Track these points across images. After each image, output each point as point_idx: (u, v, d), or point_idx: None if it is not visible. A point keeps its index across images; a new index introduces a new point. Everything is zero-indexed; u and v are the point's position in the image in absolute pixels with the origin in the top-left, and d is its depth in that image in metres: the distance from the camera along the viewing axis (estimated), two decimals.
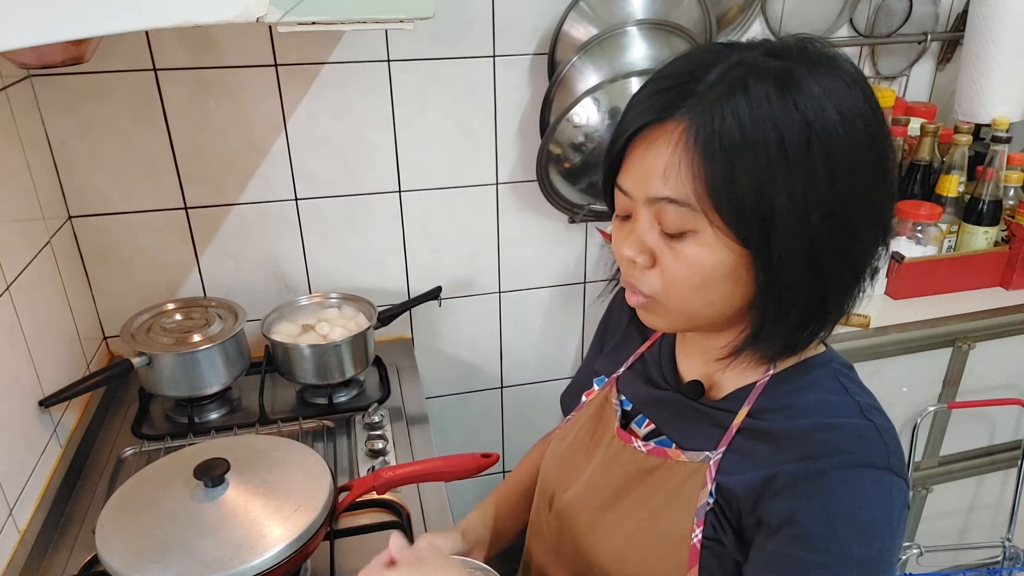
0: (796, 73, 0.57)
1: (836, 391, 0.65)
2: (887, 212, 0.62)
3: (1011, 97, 1.57)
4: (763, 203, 0.56)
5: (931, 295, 1.44)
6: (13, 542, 1.01)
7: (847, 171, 0.57)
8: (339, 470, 1.20)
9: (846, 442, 0.60)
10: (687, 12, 1.46)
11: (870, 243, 0.62)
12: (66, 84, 1.27)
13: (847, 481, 0.59)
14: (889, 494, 0.59)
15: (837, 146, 0.56)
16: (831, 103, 0.56)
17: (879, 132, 0.59)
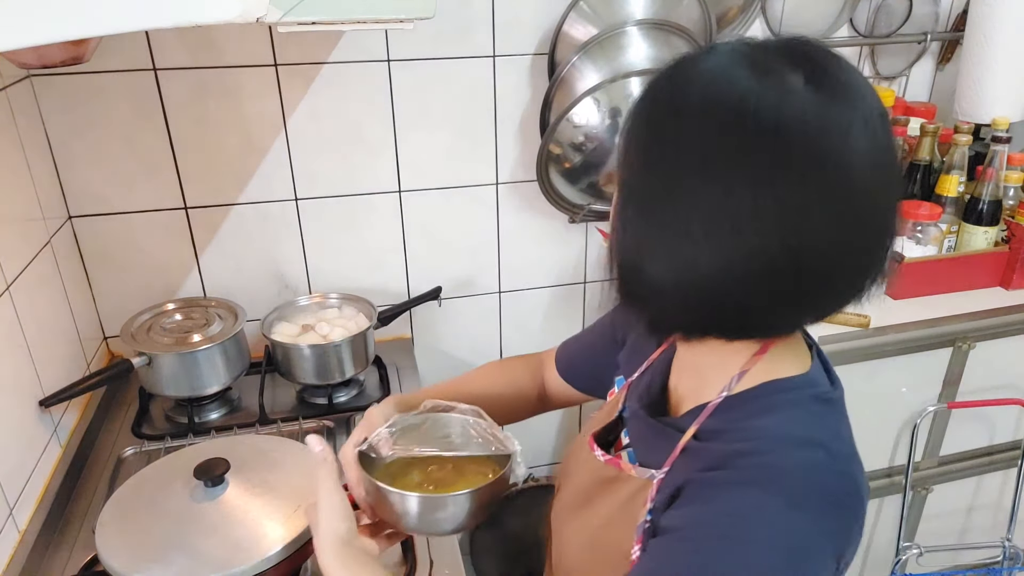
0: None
1: (798, 420, 0.59)
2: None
3: (1011, 97, 1.57)
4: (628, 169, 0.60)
5: (931, 295, 1.43)
6: (13, 542, 1.01)
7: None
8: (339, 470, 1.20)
9: (759, 467, 0.56)
10: (687, 12, 1.46)
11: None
12: (66, 84, 1.27)
13: (736, 495, 0.55)
14: (782, 530, 0.53)
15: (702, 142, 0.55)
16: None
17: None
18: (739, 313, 0.57)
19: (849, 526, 0.57)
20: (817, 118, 0.52)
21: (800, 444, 0.57)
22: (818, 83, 0.52)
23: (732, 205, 0.52)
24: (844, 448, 0.59)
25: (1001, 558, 1.55)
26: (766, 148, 0.51)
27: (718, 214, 0.53)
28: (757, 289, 0.55)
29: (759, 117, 0.51)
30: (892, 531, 1.55)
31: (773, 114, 0.51)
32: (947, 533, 1.62)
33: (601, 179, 1.51)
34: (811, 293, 0.56)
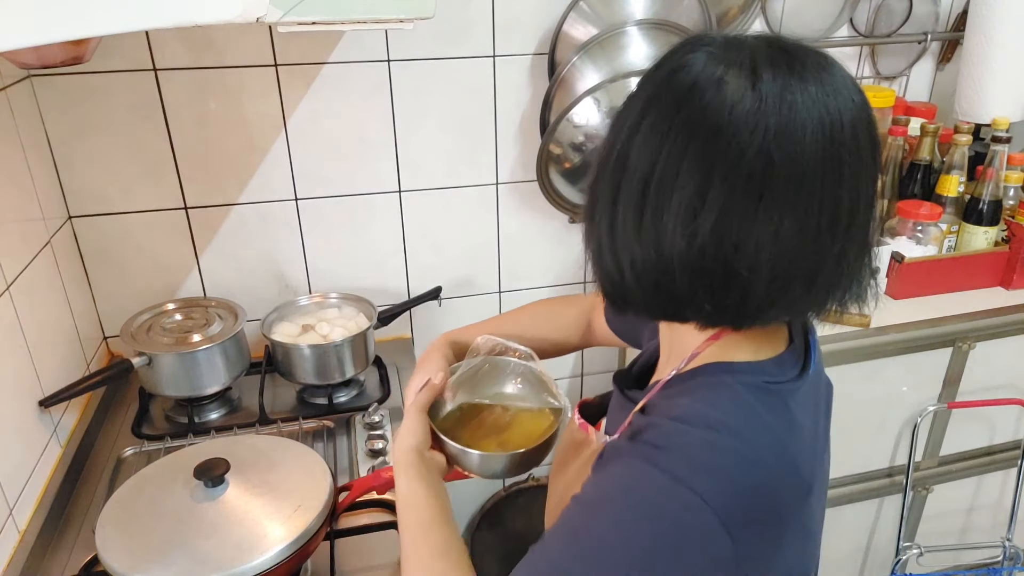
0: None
1: (708, 403, 0.60)
2: None
3: (1011, 97, 1.57)
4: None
5: (931, 295, 1.43)
6: (13, 542, 1.01)
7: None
8: (339, 470, 1.20)
9: (655, 441, 0.58)
10: (687, 12, 1.46)
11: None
12: (66, 84, 1.27)
13: (623, 463, 0.59)
14: (659, 497, 0.55)
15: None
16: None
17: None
18: (673, 301, 0.59)
19: (748, 516, 0.55)
20: (754, 121, 0.52)
21: (707, 425, 0.57)
22: (767, 86, 0.53)
23: (664, 200, 0.55)
24: (764, 438, 0.58)
25: (1001, 558, 1.55)
26: (707, 150, 0.53)
27: (656, 207, 0.56)
28: (685, 279, 0.56)
29: (704, 117, 0.53)
30: (892, 531, 1.55)
31: (715, 116, 0.53)
32: (947, 533, 1.62)
33: None
34: (746, 289, 0.56)
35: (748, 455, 0.56)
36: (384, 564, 1.02)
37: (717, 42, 0.57)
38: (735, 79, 0.54)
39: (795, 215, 0.54)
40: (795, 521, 0.60)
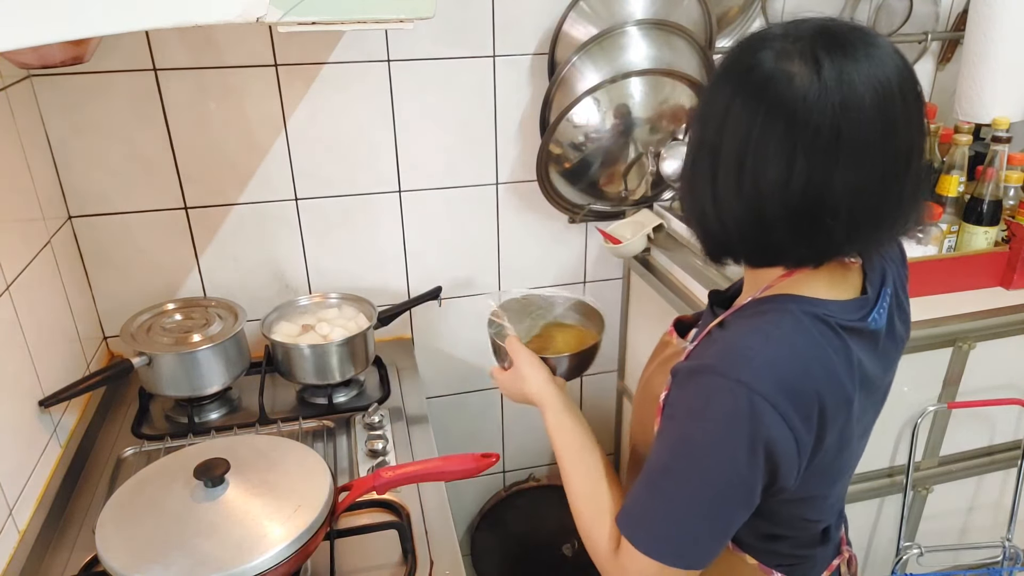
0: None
1: (768, 321, 0.73)
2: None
3: (1011, 97, 1.57)
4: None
5: (931, 295, 1.43)
6: (13, 542, 1.01)
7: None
8: (339, 470, 1.21)
9: (721, 357, 0.72)
10: (687, 12, 1.46)
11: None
12: (66, 84, 1.27)
13: (701, 385, 0.72)
14: (735, 403, 0.68)
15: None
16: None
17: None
18: (770, 249, 0.73)
19: (800, 411, 0.69)
20: (823, 103, 0.64)
21: (767, 338, 0.71)
22: (828, 72, 0.65)
23: (760, 174, 0.68)
24: (813, 352, 0.71)
25: (1001, 558, 1.54)
26: (789, 133, 0.66)
27: (753, 179, 0.68)
28: (780, 231, 0.70)
29: (783, 106, 0.66)
30: (892, 531, 1.55)
31: (791, 105, 0.65)
32: (947, 533, 1.62)
33: (601, 179, 1.51)
34: (829, 233, 0.69)
35: (798, 363, 0.70)
36: (384, 564, 1.02)
37: (779, 37, 0.68)
38: (801, 70, 0.65)
39: (863, 169, 0.66)
40: (834, 427, 0.73)
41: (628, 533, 0.75)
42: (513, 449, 1.87)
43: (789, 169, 0.66)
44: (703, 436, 0.71)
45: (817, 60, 0.65)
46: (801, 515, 0.82)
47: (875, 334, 0.79)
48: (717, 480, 0.71)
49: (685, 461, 0.72)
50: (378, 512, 1.11)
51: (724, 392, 0.69)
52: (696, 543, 0.73)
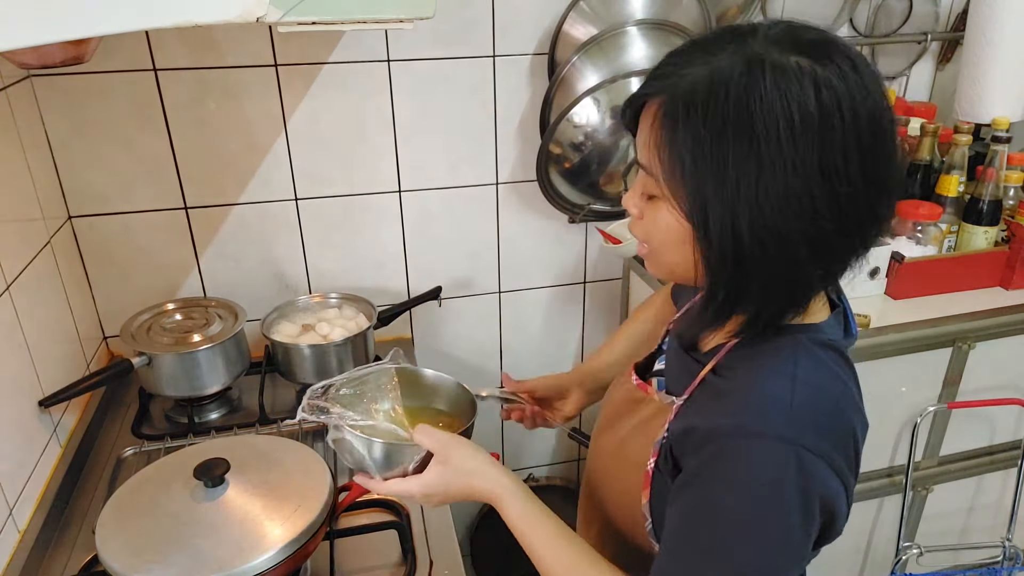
0: (771, 66, 0.58)
1: (785, 361, 0.66)
2: (838, 236, 0.62)
3: (1011, 97, 1.57)
4: (698, 187, 0.60)
5: (931, 295, 1.43)
6: (13, 542, 1.01)
7: (780, 181, 0.58)
8: (339, 470, 1.20)
9: (751, 412, 0.63)
10: (687, 12, 1.46)
11: (811, 258, 0.62)
12: (66, 84, 1.27)
13: (738, 449, 0.62)
14: (780, 464, 0.61)
15: (775, 153, 0.57)
16: (787, 107, 0.57)
17: (839, 153, 0.58)
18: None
19: (843, 456, 0.64)
20: (811, 114, 0.58)
21: (793, 381, 0.64)
22: (827, 82, 0.58)
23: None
24: (839, 388, 0.66)
25: (1001, 558, 1.54)
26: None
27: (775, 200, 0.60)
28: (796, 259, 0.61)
29: (770, 122, 0.58)
30: (892, 531, 1.55)
31: (781, 116, 0.57)
32: (947, 533, 1.62)
33: (601, 179, 1.51)
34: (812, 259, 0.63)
35: (830, 403, 0.64)
36: (384, 564, 1.02)
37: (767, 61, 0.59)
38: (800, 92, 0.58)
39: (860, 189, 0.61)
40: (860, 456, 0.68)
41: None
42: (512, 449, 1.87)
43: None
44: (751, 507, 0.61)
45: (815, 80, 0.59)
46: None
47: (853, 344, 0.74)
48: (771, 551, 0.62)
49: (733, 539, 0.62)
50: (378, 512, 1.11)
51: (765, 453, 0.61)
52: None
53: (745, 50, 0.60)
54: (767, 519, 0.61)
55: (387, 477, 0.78)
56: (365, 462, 0.78)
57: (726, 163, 0.58)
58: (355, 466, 0.80)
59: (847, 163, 0.58)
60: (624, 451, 0.77)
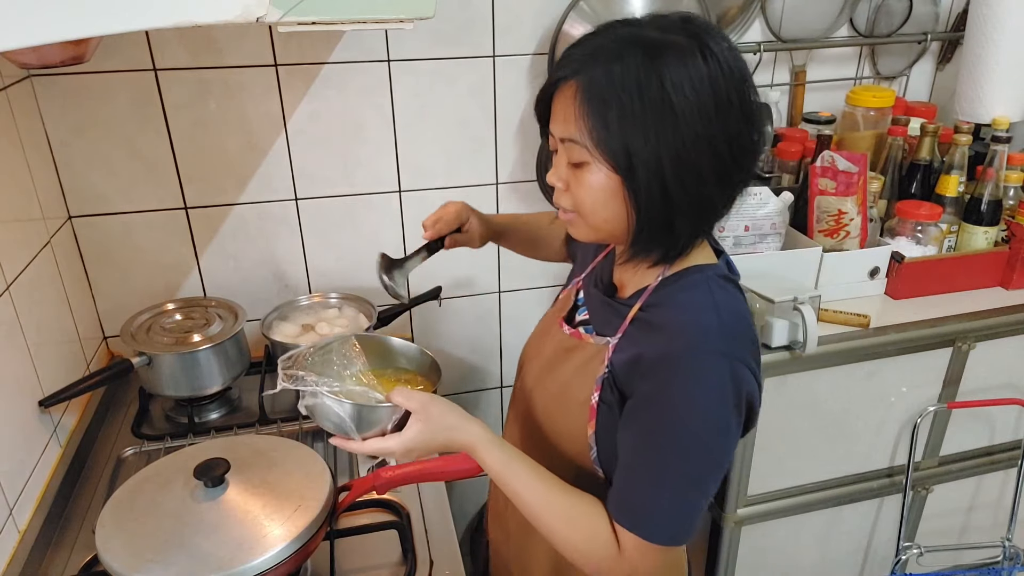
0: (665, 45, 0.72)
1: (703, 293, 0.80)
2: (735, 167, 0.76)
3: (1011, 97, 1.57)
4: (625, 143, 0.73)
5: (931, 295, 1.43)
6: (13, 542, 1.01)
7: (692, 129, 0.72)
8: (339, 470, 1.20)
9: (691, 336, 0.77)
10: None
11: (717, 186, 0.76)
12: (66, 84, 1.27)
13: (688, 368, 0.75)
14: (721, 374, 0.75)
15: (685, 107, 0.71)
16: (687, 73, 0.71)
17: (727, 103, 0.73)
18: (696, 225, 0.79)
19: (757, 360, 0.79)
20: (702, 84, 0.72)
21: (711, 308, 0.78)
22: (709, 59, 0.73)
23: (714, 147, 0.74)
24: (742, 308, 0.81)
25: (1001, 558, 1.55)
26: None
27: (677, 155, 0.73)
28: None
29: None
30: (892, 531, 1.55)
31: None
32: (947, 533, 1.62)
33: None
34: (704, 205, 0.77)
35: (744, 322, 0.80)
36: (384, 564, 1.02)
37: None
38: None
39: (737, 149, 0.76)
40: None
41: (644, 532, 0.76)
42: None
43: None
44: (704, 415, 0.75)
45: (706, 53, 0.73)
46: None
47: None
48: (717, 453, 0.76)
49: (692, 444, 0.75)
50: (378, 512, 1.11)
51: (710, 367, 0.75)
52: (696, 516, 0.78)
53: (642, 33, 0.74)
54: (717, 423, 0.75)
55: (366, 438, 0.82)
56: (345, 425, 0.80)
57: (645, 120, 0.71)
58: (334, 430, 0.82)
59: (731, 108, 0.73)
60: (568, 392, 0.87)
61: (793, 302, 1.22)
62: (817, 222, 1.41)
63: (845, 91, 1.65)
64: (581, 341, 0.89)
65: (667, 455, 0.76)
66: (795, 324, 1.23)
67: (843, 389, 1.34)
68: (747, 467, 1.35)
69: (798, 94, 1.73)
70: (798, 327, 1.22)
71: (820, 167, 1.39)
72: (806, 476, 1.42)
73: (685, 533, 0.78)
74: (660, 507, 0.76)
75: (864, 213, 1.39)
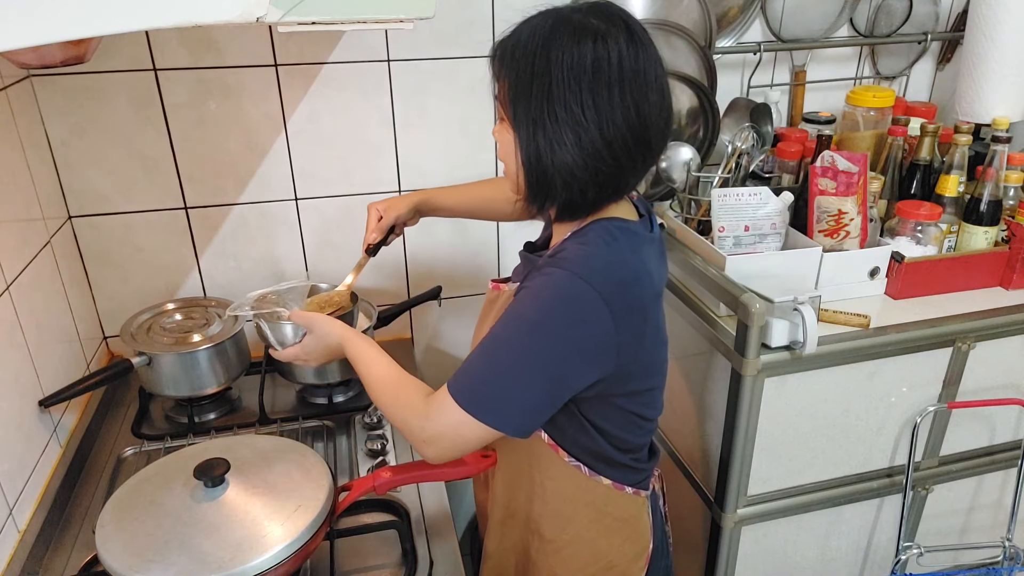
0: (567, 24, 0.80)
1: (597, 234, 0.87)
2: (605, 147, 0.82)
3: (1011, 97, 1.57)
4: (515, 105, 0.82)
5: (931, 295, 1.43)
6: (13, 542, 1.01)
7: (564, 101, 0.80)
8: (339, 470, 1.21)
9: (565, 260, 0.84)
10: (687, 12, 1.46)
11: (581, 158, 0.82)
12: (66, 84, 1.27)
13: (546, 274, 0.84)
14: (565, 285, 0.82)
15: (561, 81, 0.79)
16: (571, 53, 0.79)
17: (605, 87, 0.80)
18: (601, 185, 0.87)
19: (622, 303, 0.83)
20: (625, 63, 0.81)
21: (588, 243, 0.86)
22: (628, 40, 0.81)
23: (578, 119, 0.81)
24: (627, 253, 0.87)
25: (1001, 558, 1.54)
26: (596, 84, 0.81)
27: (575, 126, 0.81)
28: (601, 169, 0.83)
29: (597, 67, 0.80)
30: (892, 531, 1.54)
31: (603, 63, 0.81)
32: (947, 533, 1.62)
33: None
34: (615, 173, 0.85)
35: (617, 260, 0.85)
36: (384, 564, 1.02)
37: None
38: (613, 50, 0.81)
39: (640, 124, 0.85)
40: (652, 320, 0.88)
41: (451, 386, 0.87)
42: None
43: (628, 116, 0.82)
44: (535, 312, 0.83)
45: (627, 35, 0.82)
46: (637, 412, 0.93)
47: (660, 242, 0.96)
48: (532, 347, 0.83)
49: (516, 332, 0.84)
50: (378, 512, 1.11)
51: (562, 280, 0.82)
52: (507, 404, 0.84)
53: (558, 11, 0.83)
54: (542, 321, 0.82)
55: (284, 348, 1.07)
56: (270, 339, 1.08)
57: (530, 87, 0.80)
58: (272, 344, 1.09)
59: (609, 93, 0.80)
60: None
61: (793, 302, 1.22)
62: (817, 222, 1.41)
63: (845, 91, 1.65)
64: (500, 291, 1.01)
65: (496, 335, 0.86)
66: (795, 324, 1.23)
67: (843, 389, 1.34)
68: (747, 467, 1.34)
69: (798, 94, 1.73)
70: (798, 327, 1.22)
71: (820, 167, 1.39)
72: (806, 476, 1.41)
73: (483, 404, 0.84)
74: (473, 372, 0.87)
75: (864, 213, 1.39)
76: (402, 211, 1.23)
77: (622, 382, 0.88)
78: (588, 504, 0.98)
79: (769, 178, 1.54)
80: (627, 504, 1.00)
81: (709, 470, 1.41)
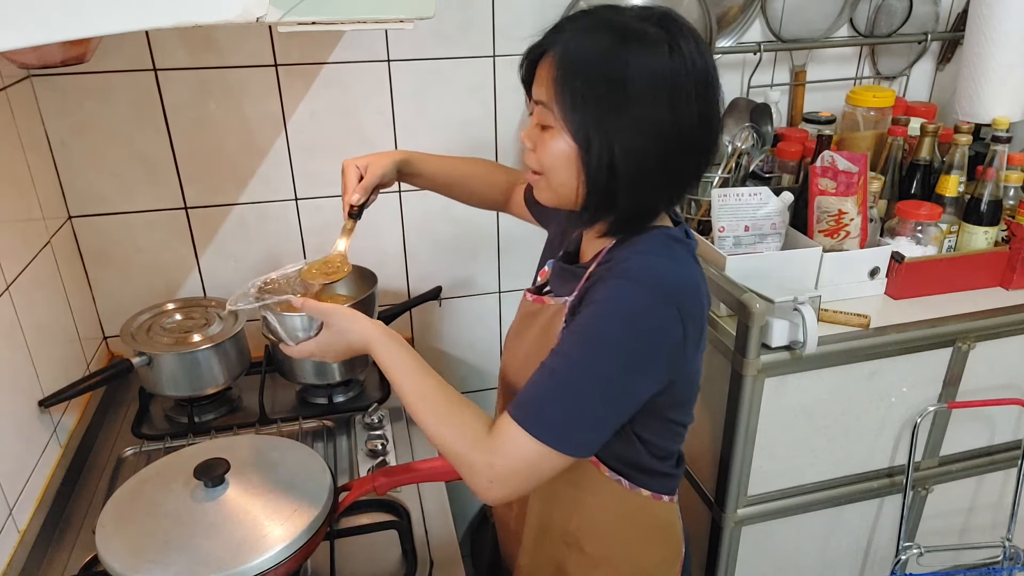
0: (638, 34, 0.77)
1: (659, 244, 0.86)
2: (684, 159, 0.81)
3: (1011, 97, 1.57)
4: (584, 117, 0.78)
5: (931, 295, 1.43)
6: (13, 542, 1.01)
7: (643, 115, 0.77)
8: (339, 470, 1.21)
9: (632, 270, 0.82)
10: (687, 12, 1.46)
11: (661, 173, 0.81)
12: (66, 84, 1.27)
13: (613, 287, 0.81)
14: (640, 299, 0.79)
15: (641, 94, 0.77)
16: (649, 64, 0.77)
17: (683, 99, 0.78)
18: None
19: (690, 310, 0.81)
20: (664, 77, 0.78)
21: (653, 253, 0.85)
22: (675, 52, 0.78)
23: (659, 130, 0.79)
24: (686, 264, 0.86)
25: (1001, 558, 1.54)
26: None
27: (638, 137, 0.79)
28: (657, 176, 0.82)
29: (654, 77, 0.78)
30: (892, 531, 1.55)
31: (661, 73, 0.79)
32: (947, 533, 1.62)
33: None
34: (684, 182, 0.85)
35: (683, 271, 0.84)
36: (384, 564, 1.02)
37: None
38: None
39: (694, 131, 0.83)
40: (704, 331, 0.87)
41: (515, 413, 0.79)
42: None
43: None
44: (613, 330, 0.79)
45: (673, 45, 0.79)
46: (679, 420, 0.92)
47: (695, 247, 0.94)
48: (620, 370, 0.79)
49: (592, 353, 0.79)
50: (378, 512, 1.11)
51: (636, 293, 0.79)
52: (587, 431, 0.80)
53: (621, 19, 0.79)
54: (613, 342, 0.79)
55: (298, 344, 0.96)
56: (279, 333, 0.96)
57: (604, 99, 0.77)
58: (286, 339, 0.97)
59: (687, 104, 0.78)
60: (533, 353, 0.90)
61: (793, 302, 1.22)
62: (817, 222, 1.41)
63: (845, 91, 1.65)
64: (543, 305, 0.95)
65: (568, 356, 0.80)
66: (795, 324, 1.23)
67: (843, 389, 1.34)
68: (747, 467, 1.35)
69: (798, 94, 1.73)
70: (798, 327, 1.22)
71: (820, 167, 1.39)
72: (806, 476, 1.41)
73: (563, 434, 0.78)
74: (546, 399, 0.79)
75: (864, 213, 1.39)
76: (387, 167, 1.13)
77: (674, 392, 0.87)
78: (627, 516, 0.95)
79: (769, 178, 1.54)
80: (663, 512, 0.98)
81: (709, 470, 1.41)
